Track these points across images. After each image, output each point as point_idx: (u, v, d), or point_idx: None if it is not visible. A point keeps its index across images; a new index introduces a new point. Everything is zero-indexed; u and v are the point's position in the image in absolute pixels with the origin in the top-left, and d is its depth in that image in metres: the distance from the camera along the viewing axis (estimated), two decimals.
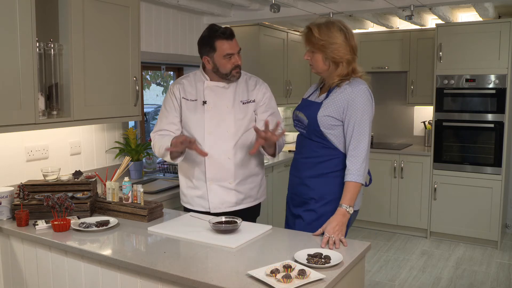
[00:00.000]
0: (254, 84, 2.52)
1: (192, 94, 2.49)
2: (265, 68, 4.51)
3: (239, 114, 2.46)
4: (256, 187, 2.57)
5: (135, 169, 3.31)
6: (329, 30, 2.09)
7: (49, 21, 2.51)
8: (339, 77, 2.12)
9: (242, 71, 2.52)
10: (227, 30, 2.36)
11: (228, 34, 2.35)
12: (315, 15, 3.84)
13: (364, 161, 2.03)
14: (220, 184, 2.46)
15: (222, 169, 2.44)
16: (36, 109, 2.31)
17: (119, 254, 1.84)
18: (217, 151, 2.42)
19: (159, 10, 3.68)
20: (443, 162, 4.67)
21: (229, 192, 2.47)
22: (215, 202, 2.46)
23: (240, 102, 2.47)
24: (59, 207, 2.08)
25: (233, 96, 2.47)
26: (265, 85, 2.57)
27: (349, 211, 2.00)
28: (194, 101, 2.48)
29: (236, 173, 2.46)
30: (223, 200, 2.47)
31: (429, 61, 4.92)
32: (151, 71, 5.13)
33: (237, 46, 2.40)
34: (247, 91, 2.50)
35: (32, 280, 2.18)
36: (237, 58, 2.39)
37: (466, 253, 4.39)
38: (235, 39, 2.39)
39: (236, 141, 2.44)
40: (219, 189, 2.46)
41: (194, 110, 2.47)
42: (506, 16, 4.71)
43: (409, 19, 3.69)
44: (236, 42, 2.39)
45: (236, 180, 2.47)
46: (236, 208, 2.49)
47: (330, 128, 2.12)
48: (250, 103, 2.49)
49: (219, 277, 1.58)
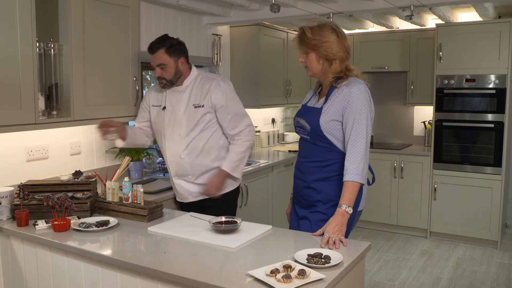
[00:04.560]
0: (207, 89, 2.62)
1: (158, 100, 2.73)
2: (265, 68, 4.52)
3: (190, 117, 2.62)
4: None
5: (135, 169, 3.31)
6: (321, 30, 2.12)
7: (49, 21, 2.51)
8: (333, 74, 2.13)
9: (205, 74, 2.70)
10: (154, 45, 2.58)
11: (151, 49, 2.58)
12: (315, 15, 3.84)
13: (362, 160, 2.03)
14: (183, 179, 2.70)
15: (180, 167, 2.67)
16: (36, 109, 2.31)
17: (119, 254, 1.84)
18: (173, 152, 2.66)
19: (159, 10, 3.68)
20: (443, 162, 4.67)
21: (192, 185, 2.69)
22: (183, 193, 2.72)
23: (192, 105, 2.63)
24: (59, 207, 2.08)
25: (187, 100, 2.63)
26: (220, 87, 2.63)
27: (348, 211, 1.99)
28: (158, 106, 2.72)
29: (192, 170, 2.66)
30: (189, 191, 2.70)
31: (429, 61, 4.92)
32: (151, 71, 5.12)
33: (157, 60, 2.56)
34: (200, 95, 2.63)
35: (32, 280, 2.18)
36: (157, 71, 2.59)
37: (466, 253, 4.39)
38: (157, 54, 2.56)
39: (188, 144, 2.62)
40: (183, 182, 2.70)
41: (157, 115, 2.71)
42: (506, 16, 4.71)
43: (409, 19, 3.69)
44: (157, 57, 2.56)
45: (194, 176, 2.67)
46: (202, 197, 2.69)
47: (335, 132, 2.12)
48: (201, 107, 2.61)
49: (219, 277, 1.58)
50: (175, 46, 2.59)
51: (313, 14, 3.83)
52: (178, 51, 2.60)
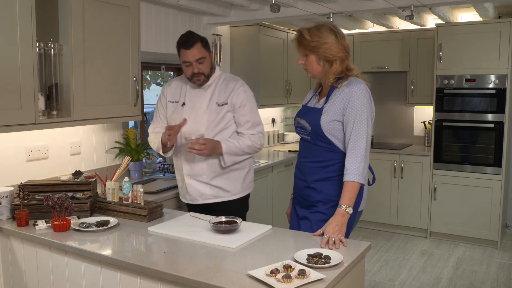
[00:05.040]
0: (232, 88, 2.60)
1: (176, 96, 2.67)
2: (265, 68, 4.52)
3: (213, 115, 2.57)
4: (233, 183, 2.65)
5: (135, 169, 3.31)
6: (320, 31, 2.10)
7: (49, 21, 2.51)
8: (334, 75, 2.12)
9: (226, 74, 2.67)
10: (189, 40, 2.48)
11: (188, 44, 2.47)
12: (315, 15, 3.84)
13: (362, 160, 2.03)
14: (196, 179, 2.62)
15: (196, 166, 2.60)
16: (36, 109, 2.31)
17: (119, 254, 1.84)
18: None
19: (159, 10, 3.68)
20: (443, 162, 4.67)
21: (204, 186, 2.62)
22: (194, 194, 2.64)
23: (216, 103, 2.59)
24: (59, 207, 2.08)
25: (209, 98, 2.59)
26: (244, 88, 2.63)
27: (348, 211, 1.99)
28: (176, 102, 2.67)
29: (208, 169, 2.60)
30: (200, 193, 2.63)
31: (429, 61, 4.92)
32: (151, 71, 5.13)
33: (197, 55, 2.47)
34: (224, 94, 2.59)
35: (32, 280, 2.18)
36: (194, 67, 2.49)
37: (466, 253, 4.39)
38: (195, 49, 2.47)
39: None
40: (196, 183, 2.63)
41: (175, 111, 2.65)
42: (506, 16, 4.71)
43: (409, 19, 3.69)
44: (196, 51, 2.47)
45: (210, 176, 2.60)
46: (214, 200, 2.63)
47: (336, 132, 2.12)
48: (224, 105, 2.58)
49: (219, 277, 1.58)
50: (206, 40, 2.56)
51: (313, 14, 3.83)
52: (209, 45, 2.58)
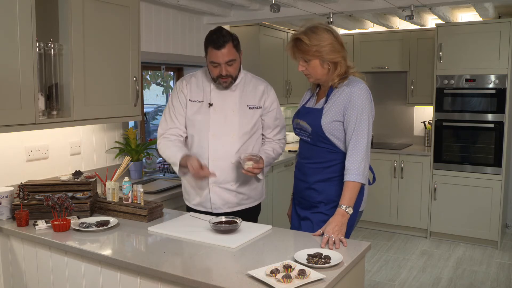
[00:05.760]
0: (263, 90, 2.49)
1: (199, 95, 2.45)
2: (265, 68, 4.51)
3: (244, 118, 2.43)
4: (256, 188, 2.57)
5: (135, 169, 3.31)
6: (317, 34, 2.04)
7: (49, 21, 2.51)
8: (339, 76, 2.10)
9: (251, 74, 2.52)
10: (219, 39, 2.27)
11: (218, 44, 2.27)
12: (315, 15, 3.84)
13: (363, 160, 2.02)
14: (222, 186, 2.44)
15: (224, 172, 2.41)
16: (36, 109, 2.31)
17: (119, 254, 1.84)
18: (221, 154, 2.40)
19: (159, 10, 3.68)
20: (443, 162, 4.67)
21: (230, 193, 2.45)
22: (217, 203, 2.46)
23: (247, 106, 2.44)
24: (59, 207, 2.08)
25: (238, 100, 2.43)
26: (273, 91, 2.55)
27: (348, 211, 1.99)
28: (200, 102, 2.44)
29: (238, 176, 2.43)
30: (225, 201, 2.46)
31: (429, 61, 4.92)
32: (151, 71, 5.13)
33: (226, 56, 2.28)
34: (255, 96, 2.46)
35: (32, 280, 2.18)
36: (222, 68, 2.31)
37: (466, 253, 4.39)
38: (226, 49, 2.27)
39: (240, 146, 2.42)
40: (221, 190, 2.44)
41: (200, 111, 2.43)
42: (506, 16, 4.71)
43: (409, 19, 3.69)
44: (226, 52, 2.28)
45: (238, 183, 2.45)
46: (238, 208, 2.49)
47: (337, 133, 2.10)
48: (257, 109, 2.47)
49: (219, 277, 1.58)
50: (238, 39, 2.36)
51: (313, 14, 3.83)
52: (239, 45, 2.37)
